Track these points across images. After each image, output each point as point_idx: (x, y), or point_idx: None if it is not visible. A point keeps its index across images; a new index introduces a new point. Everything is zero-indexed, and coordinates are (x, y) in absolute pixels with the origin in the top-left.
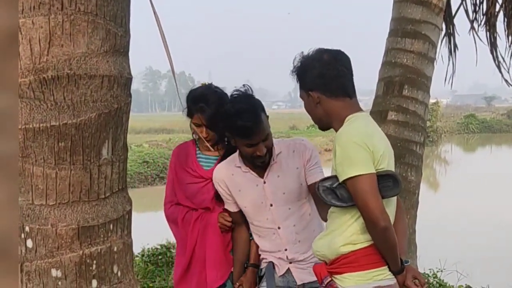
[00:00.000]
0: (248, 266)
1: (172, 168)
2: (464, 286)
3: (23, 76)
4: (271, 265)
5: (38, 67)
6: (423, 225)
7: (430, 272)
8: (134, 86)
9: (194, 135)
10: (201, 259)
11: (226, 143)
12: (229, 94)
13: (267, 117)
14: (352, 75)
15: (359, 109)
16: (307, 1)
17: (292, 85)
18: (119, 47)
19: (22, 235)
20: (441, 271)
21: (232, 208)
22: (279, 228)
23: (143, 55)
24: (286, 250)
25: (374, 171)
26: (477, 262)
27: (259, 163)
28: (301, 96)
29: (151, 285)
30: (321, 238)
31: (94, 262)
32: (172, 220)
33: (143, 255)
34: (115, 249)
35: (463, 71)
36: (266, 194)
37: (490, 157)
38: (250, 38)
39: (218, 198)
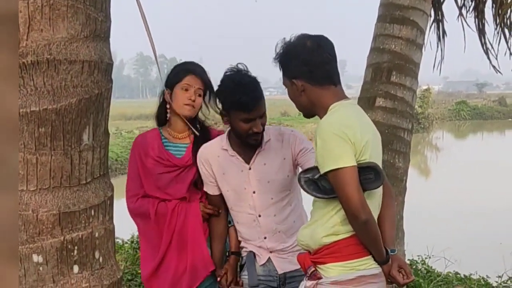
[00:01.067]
0: (230, 254)
1: (135, 159)
2: (453, 272)
3: None
4: (252, 254)
5: (18, 52)
6: (413, 211)
7: (419, 258)
8: (125, 72)
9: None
10: (178, 252)
11: (197, 126)
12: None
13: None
14: (336, 61)
15: (343, 97)
16: None
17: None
18: (100, 32)
19: None
20: (429, 257)
21: (212, 191)
22: (259, 216)
23: (134, 41)
24: (265, 238)
25: (355, 164)
26: (466, 248)
27: (253, 141)
28: (284, 84)
29: (139, 271)
30: (305, 227)
31: (76, 247)
32: (140, 214)
33: (132, 242)
34: (97, 234)
35: (453, 58)
36: (250, 181)
37: (482, 144)
38: (241, 24)
39: (194, 185)
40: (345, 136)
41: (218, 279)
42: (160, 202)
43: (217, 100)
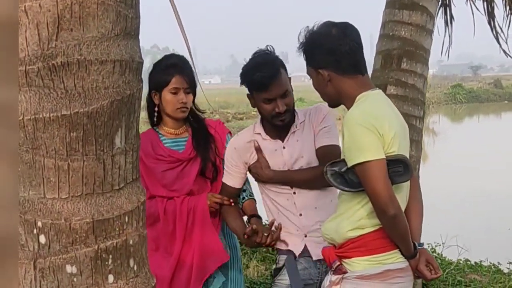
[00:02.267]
0: (251, 217)
1: None
2: (463, 259)
3: (31, 63)
4: (292, 256)
5: (46, 53)
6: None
7: (429, 247)
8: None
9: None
10: (191, 249)
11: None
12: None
13: (289, 78)
14: (362, 49)
15: (371, 87)
16: None
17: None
18: (130, 30)
19: (35, 231)
20: (441, 245)
21: (232, 182)
22: (294, 193)
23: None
24: (301, 215)
25: (384, 157)
26: (474, 234)
27: (279, 122)
28: (308, 73)
29: None
30: (330, 220)
31: (110, 256)
32: (148, 216)
33: None
34: (131, 242)
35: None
36: (285, 159)
37: (478, 127)
38: (232, 15)
39: (202, 174)
40: (373, 127)
41: (245, 236)
42: (167, 200)
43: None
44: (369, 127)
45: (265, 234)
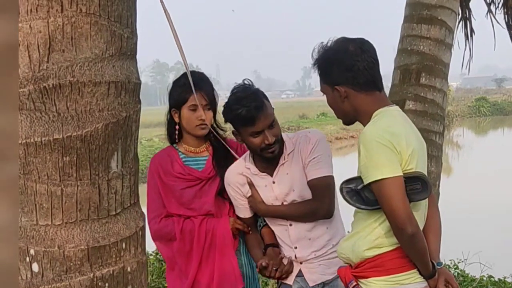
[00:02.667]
0: (266, 247)
1: (154, 177)
2: (486, 275)
3: (21, 86)
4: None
5: (38, 75)
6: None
7: (451, 263)
8: (143, 79)
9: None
10: (209, 269)
11: (213, 135)
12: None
13: (273, 108)
14: (379, 65)
15: (388, 103)
16: None
17: (300, 74)
18: (126, 49)
19: (27, 259)
20: (463, 262)
21: (244, 214)
22: (290, 225)
23: (150, 48)
24: (296, 248)
25: (401, 174)
26: (498, 250)
27: (270, 154)
28: (323, 91)
29: (166, 285)
30: (346, 239)
31: (107, 284)
32: (164, 235)
33: (157, 253)
34: (129, 269)
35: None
36: (276, 194)
37: (503, 140)
38: (257, 31)
39: (220, 194)
40: (390, 144)
41: (257, 269)
42: (185, 219)
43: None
44: (386, 144)
45: (274, 268)
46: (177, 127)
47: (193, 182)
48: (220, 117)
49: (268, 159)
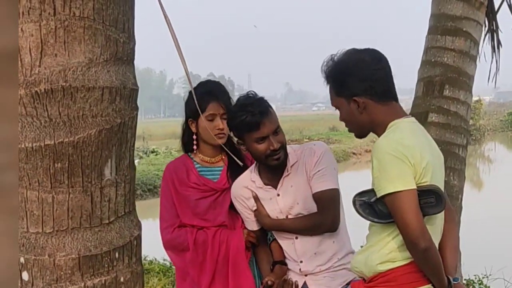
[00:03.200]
0: (275, 264)
1: (168, 187)
2: None
3: None
4: None
5: (29, 80)
6: (467, 228)
7: (475, 278)
8: (175, 91)
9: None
10: (222, 281)
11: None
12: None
13: (276, 116)
14: (392, 76)
15: (403, 114)
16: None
17: None
18: (122, 54)
19: (17, 267)
20: (487, 277)
21: (251, 226)
22: (296, 238)
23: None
24: (301, 262)
25: (414, 187)
26: None
27: (275, 161)
28: (336, 105)
29: None
30: (360, 253)
31: None
32: (177, 245)
33: None
34: (122, 279)
35: (505, 68)
36: (280, 207)
37: None
38: (288, 43)
39: (234, 209)
40: (403, 157)
41: (263, 284)
42: (198, 230)
43: (230, 130)
44: (399, 156)
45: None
46: (194, 137)
47: (208, 192)
48: None
49: (273, 168)
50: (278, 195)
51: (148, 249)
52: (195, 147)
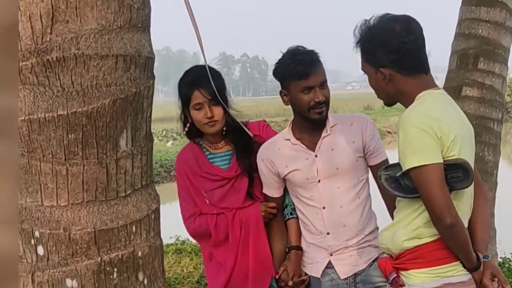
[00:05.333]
0: (290, 249)
1: (183, 177)
2: None
3: (24, 59)
4: (316, 280)
5: (40, 47)
6: (504, 206)
7: None
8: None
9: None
10: (246, 261)
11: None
12: None
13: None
14: (425, 45)
15: (433, 86)
16: None
17: None
18: (136, 21)
19: (32, 241)
20: None
21: (272, 193)
22: (323, 208)
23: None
24: (328, 234)
25: (441, 161)
26: None
27: (317, 115)
28: (365, 70)
29: None
30: (387, 229)
31: (115, 269)
32: (201, 233)
33: None
34: (139, 253)
35: None
36: (316, 169)
37: None
38: (321, 20)
39: (250, 193)
40: (430, 129)
41: (277, 276)
42: (218, 215)
43: (276, 79)
44: (425, 129)
45: (290, 284)
46: (188, 125)
47: (221, 182)
48: (235, 111)
49: (313, 124)
50: (316, 156)
51: (181, 230)
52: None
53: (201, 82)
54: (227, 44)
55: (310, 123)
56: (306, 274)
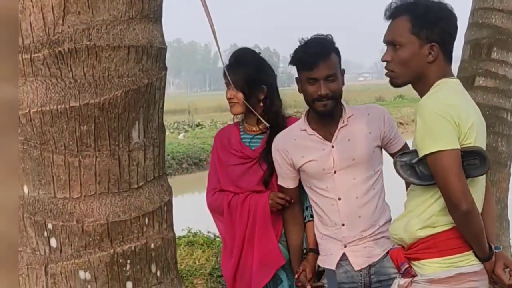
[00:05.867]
0: (308, 251)
1: (214, 152)
2: None
3: (36, 51)
4: (331, 271)
5: (52, 39)
6: None
7: None
8: (220, 64)
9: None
10: (252, 250)
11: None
12: None
13: (343, 70)
14: None
15: (450, 74)
16: None
17: (377, 56)
18: (148, 12)
19: (45, 233)
20: None
21: (287, 184)
22: (339, 199)
23: (228, 32)
24: (343, 225)
25: (458, 147)
26: None
27: (321, 107)
28: (400, 40)
29: None
30: (398, 219)
31: (128, 261)
32: (215, 208)
33: None
34: (152, 245)
35: None
36: (333, 160)
37: None
38: (332, 11)
39: (266, 180)
40: (449, 116)
41: (296, 276)
42: (234, 195)
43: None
44: (444, 115)
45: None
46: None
47: (244, 159)
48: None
49: (322, 115)
50: (333, 146)
51: (193, 222)
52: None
53: (232, 66)
54: (238, 35)
55: (319, 114)
56: (319, 267)
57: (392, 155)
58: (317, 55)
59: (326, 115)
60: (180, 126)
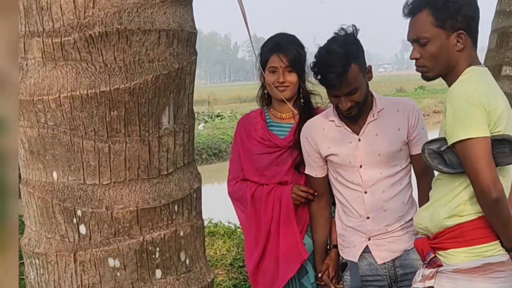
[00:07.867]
0: (332, 247)
1: (237, 139)
2: None
3: (66, 35)
4: (354, 264)
5: (83, 22)
6: None
7: None
8: (240, 55)
9: (260, 102)
10: (277, 243)
11: (301, 102)
12: None
13: (369, 73)
14: None
15: (478, 62)
16: None
17: (398, 47)
18: None
19: (74, 220)
20: None
21: (315, 173)
22: (365, 192)
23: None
24: (368, 218)
25: (489, 135)
26: None
27: (346, 114)
28: (427, 36)
29: None
30: (424, 209)
31: (157, 249)
32: (237, 198)
33: None
34: (182, 233)
35: None
36: (359, 154)
37: None
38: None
39: (296, 168)
40: (479, 104)
41: (319, 275)
42: (258, 186)
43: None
44: (475, 103)
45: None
46: (265, 91)
47: (272, 149)
48: (310, 84)
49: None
50: (360, 140)
51: (214, 213)
52: (266, 101)
53: (280, 48)
54: (258, 26)
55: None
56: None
57: (410, 157)
58: (336, 77)
59: (349, 119)
60: (200, 116)
